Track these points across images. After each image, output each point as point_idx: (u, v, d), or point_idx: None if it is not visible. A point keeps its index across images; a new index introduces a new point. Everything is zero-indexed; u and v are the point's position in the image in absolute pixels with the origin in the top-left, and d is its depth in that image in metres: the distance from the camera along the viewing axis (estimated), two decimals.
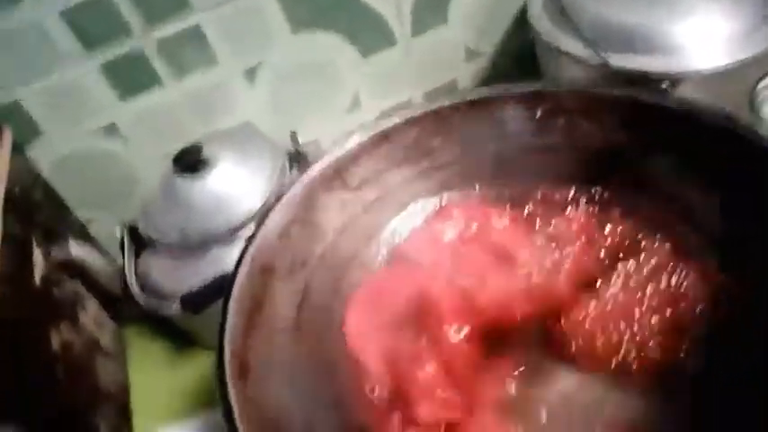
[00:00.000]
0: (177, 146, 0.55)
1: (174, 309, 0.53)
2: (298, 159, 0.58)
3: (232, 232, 0.53)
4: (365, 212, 0.44)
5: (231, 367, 0.32)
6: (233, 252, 0.53)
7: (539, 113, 0.44)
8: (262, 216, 0.39)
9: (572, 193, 0.45)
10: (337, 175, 0.42)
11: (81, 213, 0.63)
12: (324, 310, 0.40)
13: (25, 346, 0.46)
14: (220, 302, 0.52)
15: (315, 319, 0.39)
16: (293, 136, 0.57)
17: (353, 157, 0.43)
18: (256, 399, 0.32)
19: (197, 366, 0.62)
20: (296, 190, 0.41)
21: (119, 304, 0.65)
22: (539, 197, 0.45)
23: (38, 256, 0.52)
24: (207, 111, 0.61)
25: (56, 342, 0.50)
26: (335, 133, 0.66)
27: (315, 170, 0.41)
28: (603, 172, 0.44)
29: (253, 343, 0.34)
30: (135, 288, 0.54)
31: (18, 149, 0.56)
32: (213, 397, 0.59)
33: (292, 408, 0.34)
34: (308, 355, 0.37)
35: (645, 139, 0.41)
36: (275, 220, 0.39)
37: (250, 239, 0.38)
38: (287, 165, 0.57)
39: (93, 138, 0.58)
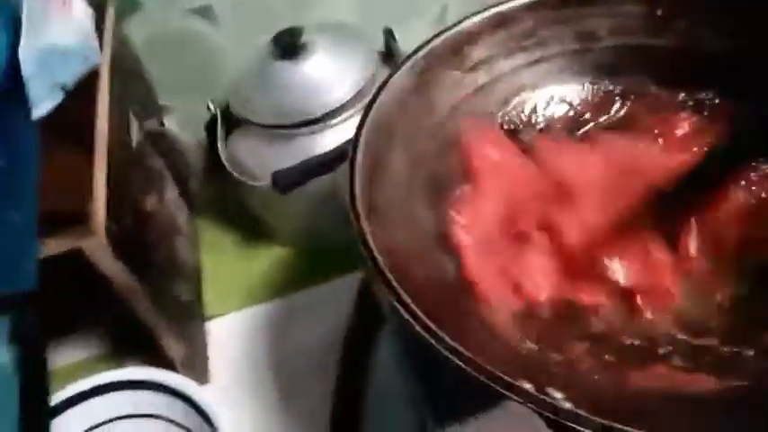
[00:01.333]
0: (268, 36, 0.55)
1: (262, 187, 0.54)
2: (389, 57, 0.58)
3: (323, 117, 0.53)
4: (475, 95, 0.44)
5: (362, 206, 0.33)
6: (322, 138, 0.54)
7: (659, 12, 0.44)
8: (383, 82, 0.40)
9: (681, 96, 0.45)
10: (454, 53, 0.43)
11: (164, 99, 0.64)
12: (435, 177, 0.41)
13: (126, 200, 0.47)
14: (304, 189, 0.53)
15: (428, 182, 0.40)
16: (389, 31, 0.57)
17: (471, 37, 0.43)
18: (383, 235, 0.33)
19: (265, 259, 0.64)
20: (417, 60, 0.41)
21: (195, 190, 0.66)
22: (647, 98, 0.45)
23: (134, 123, 0.53)
24: (301, 4, 0.61)
25: (149, 204, 0.51)
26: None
27: (436, 43, 0.41)
28: (712, 79, 0.44)
29: (376, 189, 0.35)
30: (227, 163, 0.55)
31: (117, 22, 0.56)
32: (281, 288, 0.61)
33: (413, 248, 0.35)
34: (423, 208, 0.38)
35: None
36: (396, 85, 0.40)
37: (373, 99, 0.38)
38: (379, 60, 0.57)
39: (187, 17, 0.59)
